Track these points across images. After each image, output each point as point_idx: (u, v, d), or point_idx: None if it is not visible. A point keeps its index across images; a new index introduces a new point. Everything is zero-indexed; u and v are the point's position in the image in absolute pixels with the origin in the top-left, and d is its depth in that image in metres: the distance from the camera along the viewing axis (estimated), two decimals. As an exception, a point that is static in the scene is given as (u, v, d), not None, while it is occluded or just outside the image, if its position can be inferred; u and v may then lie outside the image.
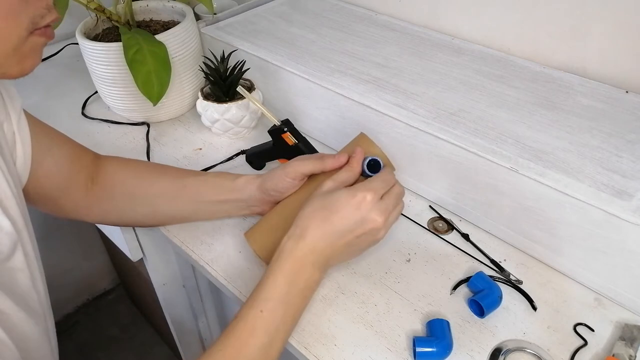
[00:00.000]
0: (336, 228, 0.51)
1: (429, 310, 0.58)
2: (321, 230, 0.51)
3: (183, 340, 1.13)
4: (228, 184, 0.63)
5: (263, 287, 0.50)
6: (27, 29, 0.41)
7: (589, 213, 0.54)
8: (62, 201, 0.61)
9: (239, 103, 0.79)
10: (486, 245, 0.65)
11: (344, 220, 0.51)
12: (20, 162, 0.53)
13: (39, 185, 0.57)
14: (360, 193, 0.51)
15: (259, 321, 0.48)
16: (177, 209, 0.65)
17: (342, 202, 0.51)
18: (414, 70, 0.75)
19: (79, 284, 1.57)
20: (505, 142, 0.61)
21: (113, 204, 0.65)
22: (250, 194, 0.62)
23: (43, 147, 0.56)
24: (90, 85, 0.90)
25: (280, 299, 0.50)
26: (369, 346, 0.54)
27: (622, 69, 0.70)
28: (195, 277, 0.98)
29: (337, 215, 0.51)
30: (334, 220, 0.51)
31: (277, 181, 0.59)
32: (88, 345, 1.51)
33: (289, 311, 0.50)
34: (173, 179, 0.65)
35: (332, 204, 0.52)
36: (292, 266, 0.51)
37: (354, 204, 0.51)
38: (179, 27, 0.81)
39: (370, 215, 0.51)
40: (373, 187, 0.52)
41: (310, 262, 0.51)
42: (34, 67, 0.44)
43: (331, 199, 0.52)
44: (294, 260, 0.51)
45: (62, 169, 0.59)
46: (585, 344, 0.54)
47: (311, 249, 0.51)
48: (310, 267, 0.51)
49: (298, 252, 0.51)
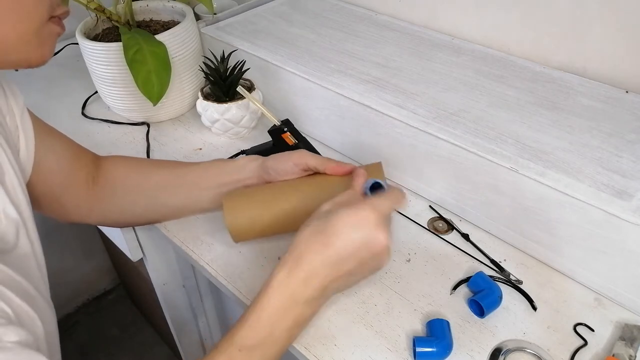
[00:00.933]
0: (337, 253, 0.45)
1: (429, 310, 0.58)
2: (320, 257, 0.45)
3: (183, 340, 1.13)
4: (228, 166, 0.64)
5: (245, 322, 0.45)
6: (48, 12, 0.43)
7: (589, 213, 0.54)
8: (63, 200, 0.61)
9: (239, 103, 0.79)
10: (486, 245, 0.65)
11: (345, 242, 0.45)
12: (23, 157, 0.54)
13: (41, 183, 0.57)
14: (362, 212, 0.45)
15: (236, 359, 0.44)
16: (177, 199, 0.65)
17: (343, 223, 0.45)
18: (414, 70, 0.75)
19: (79, 284, 1.57)
20: (505, 142, 0.61)
21: (114, 202, 0.65)
22: (251, 169, 0.62)
23: (45, 144, 0.57)
24: (90, 85, 0.90)
25: (262, 339, 0.45)
26: (369, 346, 0.54)
27: (622, 69, 0.70)
28: (195, 277, 0.98)
29: (336, 237, 0.45)
30: (333, 244, 0.45)
31: (280, 162, 0.59)
32: (88, 345, 1.51)
33: (270, 351, 0.45)
34: (171, 169, 0.66)
35: (331, 225, 0.45)
36: (280, 302, 0.45)
37: (357, 226, 0.45)
38: (179, 27, 0.81)
39: (377, 237, 0.45)
40: (378, 205, 0.46)
41: (302, 298, 0.45)
42: (50, 56, 0.46)
43: (330, 220, 0.46)
44: (284, 295, 0.45)
45: (63, 167, 0.60)
46: (585, 344, 0.54)
47: (306, 281, 0.45)
48: (302, 304, 0.45)
49: (290, 285, 0.45)
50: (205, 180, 0.64)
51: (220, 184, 0.63)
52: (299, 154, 0.59)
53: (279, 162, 0.59)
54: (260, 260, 0.64)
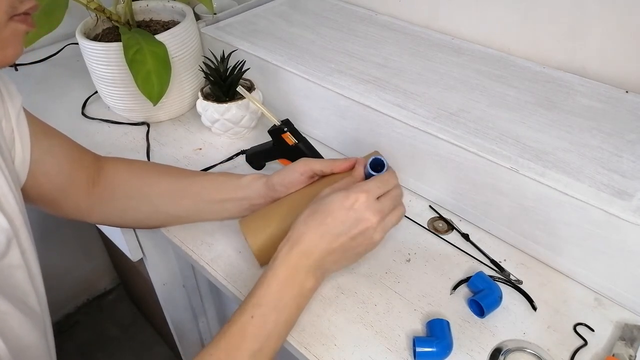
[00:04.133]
0: (331, 230, 0.51)
1: (429, 310, 0.58)
2: (316, 234, 0.51)
3: (183, 340, 1.13)
4: (233, 182, 0.63)
5: (255, 292, 0.50)
6: (7, 13, 0.41)
7: (589, 213, 0.54)
8: (63, 202, 0.61)
9: (239, 103, 0.79)
10: (486, 245, 0.65)
11: (338, 221, 0.51)
12: (19, 160, 0.53)
13: (39, 185, 0.57)
14: (353, 194, 0.51)
15: (249, 327, 0.48)
16: (179, 209, 0.65)
17: (335, 205, 0.51)
18: (414, 70, 0.75)
19: (79, 284, 1.57)
20: (505, 142, 0.61)
21: (114, 205, 0.64)
22: (256, 189, 0.62)
23: (43, 146, 0.56)
24: (90, 85, 0.90)
25: (272, 305, 0.49)
26: (369, 346, 0.54)
27: (622, 68, 0.70)
28: (195, 277, 0.98)
29: (330, 217, 0.51)
30: (328, 223, 0.51)
31: (285, 175, 0.59)
32: (88, 345, 1.51)
33: (281, 318, 0.50)
34: (176, 178, 0.65)
35: (326, 207, 0.51)
36: (285, 272, 0.50)
37: (347, 205, 0.51)
38: (179, 27, 0.81)
39: (364, 215, 0.50)
40: (367, 187, 0.52)
41: (304, 268, 0.51)
42: (16, 56, 0.44)
43: (325, 202, 0.52)
44: (288, 266, 0.51)
45: (62, 169, 0.59)
46: (585, 344, 0.54)
47: (306, 253, 0.51)
48: (304, 273, 0.51)
49: (292, 257, 0.51)
50: (207, 194, 0.64)
51: (223, 199, 0.63)
52: (303, 162, 0.60)
53: (285, 176, 0.60)
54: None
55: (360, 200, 0.51)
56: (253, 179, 0.63)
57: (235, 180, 0.64)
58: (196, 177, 0.66)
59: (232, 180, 0.64)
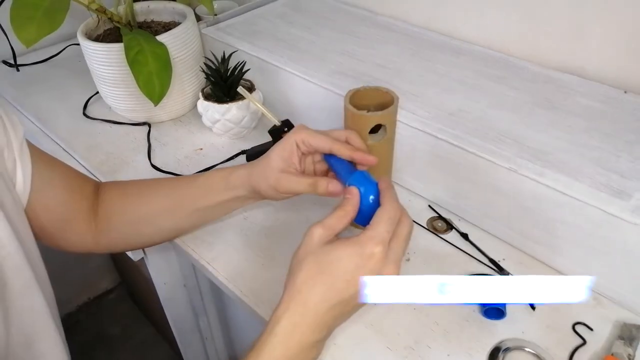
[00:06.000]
0: (344, 297, 0.42)
1: (429, 310, 0.58)
2: (327, 304, 0.42)
3: (184, 339, 1.13)
4: (220, 185, 0.59)
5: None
6: None
7: (588, 213, 0.54)
8: (68, 234, 0.60)
9: (240, 103, 0.79)
10: (485, 245, 0.65)
11: (353, 285, 0.41)
12: (19, 187, 0.52)
13: (40, 216, 0.55)
14: (367, 250, 0.41)
15: None
16: (181, 222, 0.63)
17: (346, 265, 0.41)
18: (413, 70, 0.75)
19: (80, 283, 1.58)
20: (504, 142, 0.61)
21: (114, 233, 0.63)
22: (249, 188, 0.57)
23: (44, 177, 0.55)
24: (91, 85, 0.90)
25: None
26: (369, 346, 0.54)
27: (621, 69, 0.70)
28: (196, 277, 0.98)
29: (343, 282, 0.41)
30: (340, 289, 0.42)
31: (270, 194, 0.55)
32: (89, 345, 1.51)
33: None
34: (167, 193, 0.62)
35: (333, 266, 0.42)
36: (284, 352, 0.42)
37: (362, 265, 0.41)
38: (179, 28, 0.81)
39: (385, 272, 0.42)
40: (379, 235, 0.42)
41: (310, 344, 0.43)
42: None
43: (330, 259, 0.42)
44: (291, 346, 0.42)
45: (63, 200, 0.58)
46: (584, 343, 0.54)
47: (313, 328, 0.42)
48: (309, 349, 0.43)
49: (296, 335, 0.42)
50: (201, 202, 0.60)
51: (218, 203, 0.60)
52: (285, 181, 0.53)
53: (269, 194, 0.55)
54: (261, 260, 0.64)
55: (376, 256, 0.41)
56: (241, 182, 0.58)
57: (222, 182, 0.59)
58: (185, 187, 0.62)
59: (219, 182, 0.59)
